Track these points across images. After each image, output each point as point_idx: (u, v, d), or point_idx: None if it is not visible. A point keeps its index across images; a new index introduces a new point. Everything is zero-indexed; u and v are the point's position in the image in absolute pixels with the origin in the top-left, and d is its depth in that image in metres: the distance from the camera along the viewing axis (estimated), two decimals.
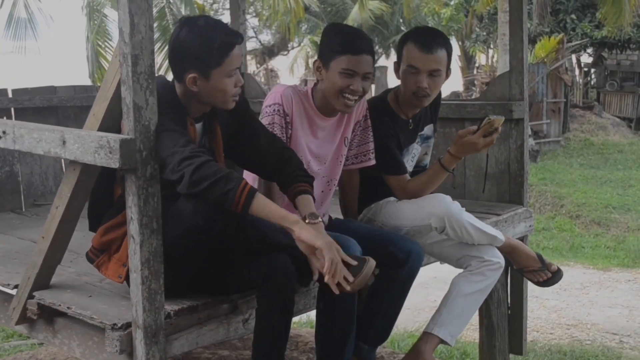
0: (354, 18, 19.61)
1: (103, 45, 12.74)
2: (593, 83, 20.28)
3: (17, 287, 2.45)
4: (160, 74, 3.37)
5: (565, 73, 16.63)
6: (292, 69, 23.50)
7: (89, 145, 2.06)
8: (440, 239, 2.98)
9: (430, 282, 6.53)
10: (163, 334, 2.10)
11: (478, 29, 21.25)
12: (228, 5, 5.30)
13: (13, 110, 4.06)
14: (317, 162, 2.80)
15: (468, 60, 23.38)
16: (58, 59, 30.81)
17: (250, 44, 24.90)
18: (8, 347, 4.86)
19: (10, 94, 4.10)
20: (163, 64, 12.09)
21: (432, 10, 20.48)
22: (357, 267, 2.23)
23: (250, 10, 23.65)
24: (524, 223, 3.70)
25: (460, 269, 2.99)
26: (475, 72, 22.13)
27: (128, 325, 2.11)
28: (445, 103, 3.69)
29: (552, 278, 3.10)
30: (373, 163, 2.96)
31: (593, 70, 20.52)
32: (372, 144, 2.95)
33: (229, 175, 2.07)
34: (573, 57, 19.26)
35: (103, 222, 2.30)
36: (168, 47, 2.32)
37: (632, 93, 18.47)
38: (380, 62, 22.89)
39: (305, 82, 20.17)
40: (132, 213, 2.03)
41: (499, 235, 2.97)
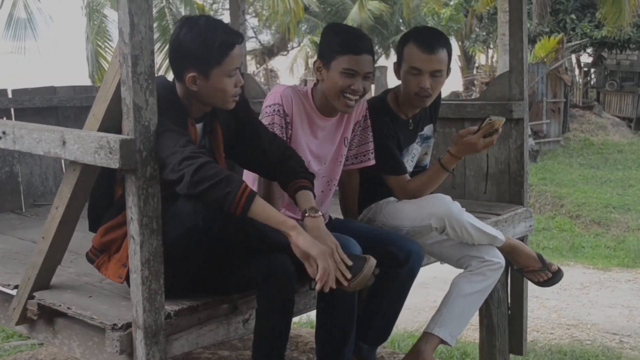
0: (354, 18, 19.62)
1: (103, 46, 12.74)
2: (593, 83, 20.29)
3: (17, 287, 2.45)
4: (161, 74, 3.37)
5: (565, 73, 16.64)
6: (291, 69, 23.50)
7: (89, 146, 2.06)
8: (441, 239, 2.98)
9: (431, 282, 6.53)
10: (163, 334, 2.10)
11: (478, 29, 21.24)
12: (228, 6, 5.29)
13: (13, 111, 4.06)
14: (317, 162, 2.80)
15: (468, 60, 23.38)
16: (58, 59, 30.82)
17: (250, 44, 24.92)
18: (8, 347, 4.85)
19: (10, 94, 4.10)
20: (163, 64, 12.10)
21: (431, 10, 20.47)
22: (357, 266, 2.23)
23: (250, 11, 23.66)
24: (524, 223, 3.70)
25: (461, 269, 2.99)
26: (475, 72, 22.14)
27: (128, 326, 2.11)
28: (445, 103, 3.69)
29: (552, 278, 3.10)
30: (373, 163, 2.96)
31: (593, 70, 20.52)
32: (371, 144, 2.95)
33: (230, 178, 2.06)
34: (573, 57, 19.26)
35: (103, 222, 2.30)
36: (168, 46, 2.32)
37: (632, 93, 18.48)
38: (380, 62, 22.89)
39: (305, 82, 20.16)
40: (132, 213, 2.03)
41: (499, 236, 2.97)
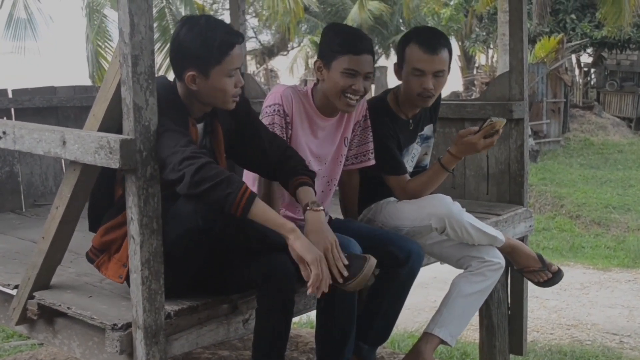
0: (354, 18, 19.62)
1: (103, 46, 12.75)
2: (593, 83, 20.28)
3: (17, 287, 2.45)
4: (162, 75, 3.37)
5: (565, 73, 16.64)
6: (292, 69, 23.51)
7: (89, 146, 2.06)
8: (441, 240, 2.97)
9: (431, 282, 6.53)
10: (163, 334, 2.10)
11: (478, 29, 21.24)
12: (228, 6, 5.29)
13: (13, 111, 4.06)
14: (317, 162, 2.80)
15: (468, 60, 23.38)
16: (58, 59, 30.82)
17: (250, 44, 24.92)
18: (8, 347, 4.85)
19: (10, 94, 4.10)
20: (163, 64, 12.10)
21: (431, 10, 20.48)
22: (357, 266, 2.23)
23: (250, 11, 23.67)
24: (524, 223, 3.70)
25: (461, 270, 2.99)
26: (475, 72, 22.14)
27: (128, 326, 2.11)
28: (445, 103, 3.69)
29: (552, 278, 3.10)
30: (373, 163, 2.96)
31: (593, 70, 20.52)
32: (371, 144, 2.95)
33: (230, 179, 2.06)
34: (573, 57, 19.26)
35: (103, 222, 2.30)
36: (169, 46, 2.32)
37: (632, 93, 18.48)
38: (380, 62, 22.89)
39: (305, 82, 20.17)
40: (132, 213, 2.02)
41: (499, 236, 2.97)
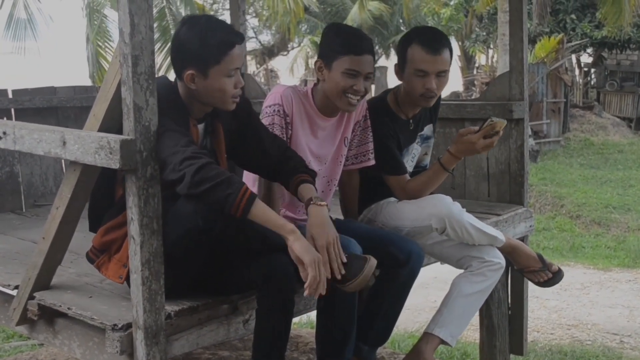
0: (354, 18, 19.63)
1: (103, 46, 12.75)
2: (593, 83, 20.29)
3: (17, 287, 2.45)
4: (163, 75, 3.36)
5: (565, 73, 16.64)
6: (292, 69, 23.51)
7: (89, 146, 2.06)
8: (441, 240, 2.97)
9: (431, 282, 6.53)
10: (163, 335, 2.10)
11: (478, 29, 21.24)
12: (228, 6, 5.29)
13: (13, 111, 4.06)
14: (317, 162, 2.80)
15: (468, 61, 23.38)
16: (58, 60, 30.82)
17: (250, 44, 24.92)
18: (8, 347, 4.86)
19: (11, 95, 4.10)
20: (163, 64, 12.11)
21: (431, 10, 20.48)
22: (358, 266, 2.23)
23: (250, 11, 23.68)
24: (524, 223, 3.70)
25: (461, 270, 2.99)
26: (475, 72, 22.14)
27: (128, 326, 2.11)
28: (445, 103, 3.69)
29: (552, 278, 3.10)
30: (373, 163, 2.96)
31: (593, 70, 20.52)
32: (371, 144, 2.94)
33: (231, 179, 2.06)
34: (573, 57, 19.26)
35: (103, 222, 2.30)
36: (170, 45, 2.31)
37: (632, 93, 18.48)
38: (380, 62, 22.90)
39: (305, 82, 20.18)
40: (132, 214, 2.02)
41: (500, 236, 2.97)
